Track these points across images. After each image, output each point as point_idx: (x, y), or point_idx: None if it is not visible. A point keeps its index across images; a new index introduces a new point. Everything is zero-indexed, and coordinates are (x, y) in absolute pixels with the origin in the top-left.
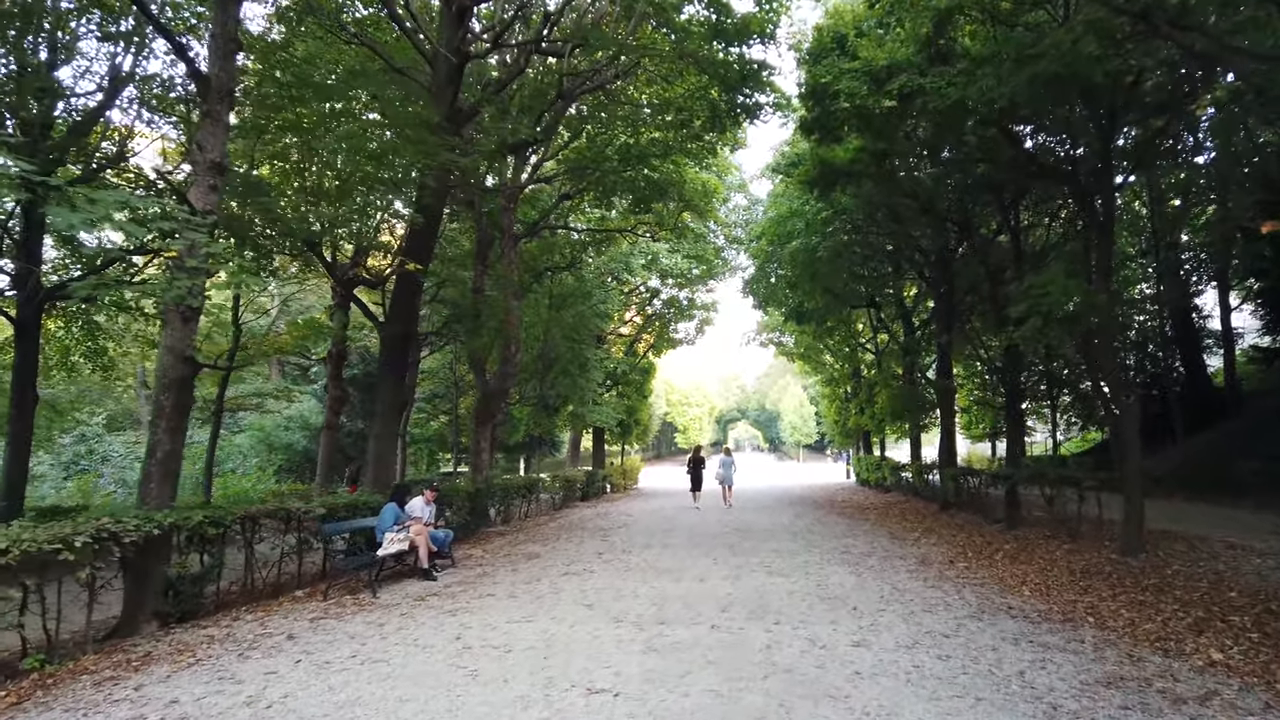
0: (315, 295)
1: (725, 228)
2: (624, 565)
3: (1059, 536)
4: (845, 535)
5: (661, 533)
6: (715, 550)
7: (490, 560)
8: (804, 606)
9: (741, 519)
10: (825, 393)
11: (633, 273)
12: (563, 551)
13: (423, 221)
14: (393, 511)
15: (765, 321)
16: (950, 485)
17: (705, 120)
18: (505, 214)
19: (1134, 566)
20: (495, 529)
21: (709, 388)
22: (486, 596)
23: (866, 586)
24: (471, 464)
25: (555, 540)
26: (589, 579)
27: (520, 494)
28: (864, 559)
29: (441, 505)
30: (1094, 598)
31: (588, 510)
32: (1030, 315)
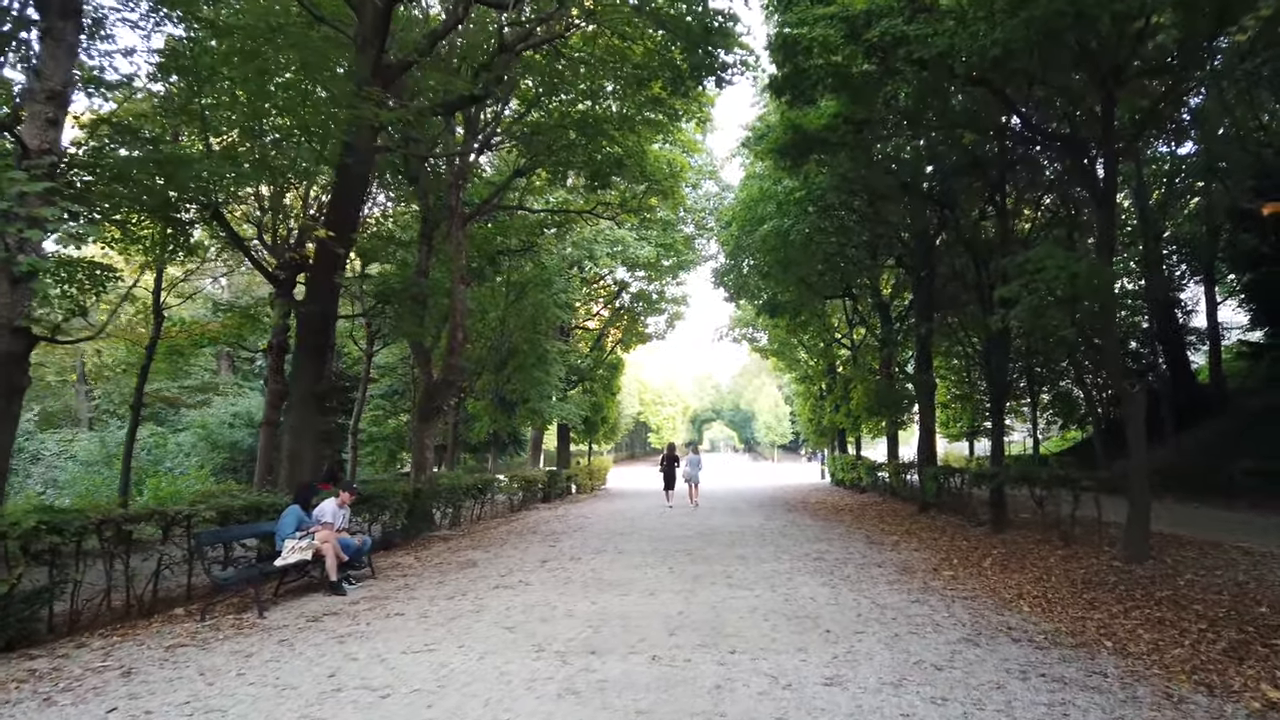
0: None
1: (695, 214)
2: (566, 576)
3: (1051, 540)
4: (818, 539)
5: (618, 537)
6: (673, 557)
7: (418, 570)
8: (767, 628)
9: (708, 522)
10: (800, 390)
11: (596, 261)
12: (504, 559)
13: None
14: (295, 515)
15: (738, 316)
16: (931, 485)
17: (666, 81)
18: (452, 191)
19: (1141, 575)
20: (439, 533)
21: (683, 387)
22: (394, 616)
23: (841, 601)
24: (413, 462)
25: (500, 546)
26: (522, 593)
27: (471, 495)
28: (838, 567)
29: (383, 507)
30: (1103, 613)
31: (547, 512)
32: (1025, 295)
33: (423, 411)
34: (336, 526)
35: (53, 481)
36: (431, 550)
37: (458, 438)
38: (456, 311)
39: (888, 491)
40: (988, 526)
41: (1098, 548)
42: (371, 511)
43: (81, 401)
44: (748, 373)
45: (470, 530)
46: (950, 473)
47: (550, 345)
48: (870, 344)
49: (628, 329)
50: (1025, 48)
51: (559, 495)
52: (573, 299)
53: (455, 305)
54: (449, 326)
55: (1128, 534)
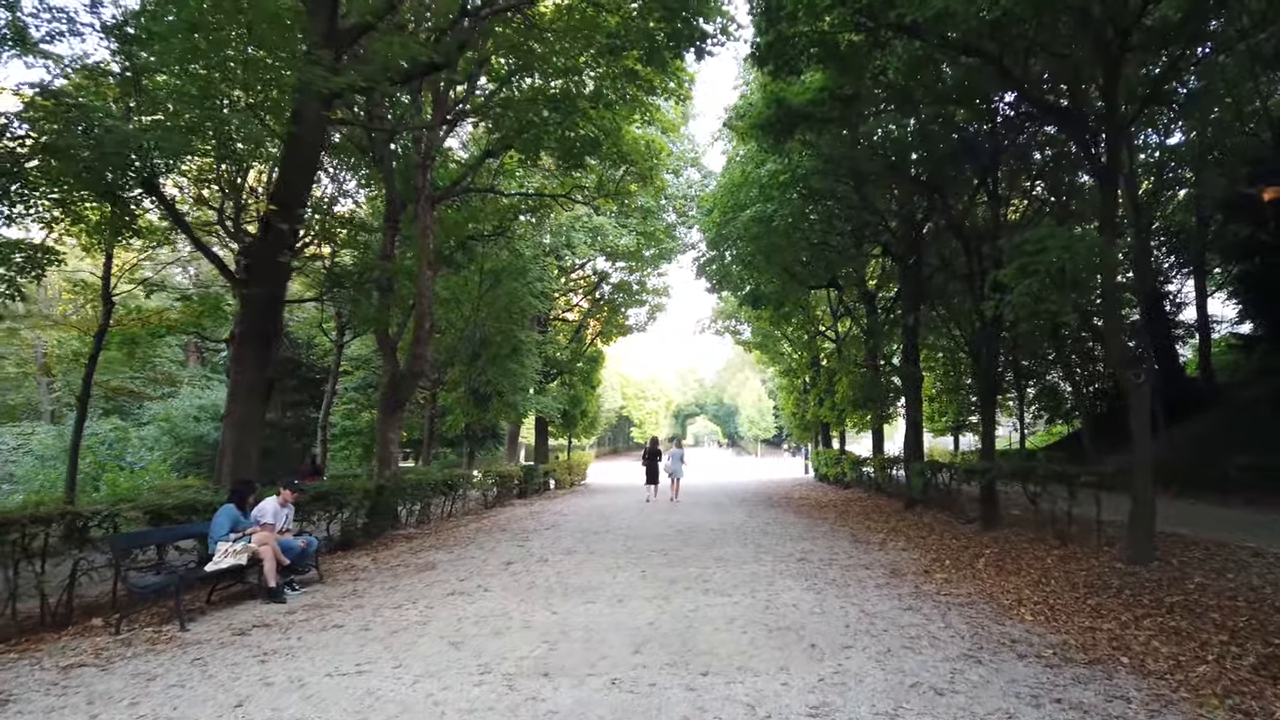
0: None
1: (675, 201)
2: (530, 580)
3: (1045, 539)
4: (802, 538)
5: (592, 536)
6: (648, 558)
7: (372, 573)
8: (745, 643)
9: (688, 518)
10: (783, 384)
11: (574, 249)
12: (466, 561)
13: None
14: (229, 516)
15: (720, 308)
16: (918, 481)
17: (642, 52)
18: (419, 172)
19: (1147, 578)
20: (403, 532)
21: (666, 381)
22: (331, 629)
23: (827, 609)
24: (377, 457)
25: (465, 546)
26: (478, 601)
27: (440, 491)
28: (823, 569)
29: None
30: (1113, 622)
31: (522, 509)
32: (1022, 279)
33: (387, 404)
34: (278, 527)
35: (9, 476)
36: (392, 550)
37: (434, 432)
38: (423, 298)
39: (873, 487)
40: (978, 524)
41: (1096, 548)
42: (329, 509)
43: (43, 393)
44: (731, 366)
45: (438, 529)
46: (938, 468)
47: (525, 336)
48: (855, 335)
49: (608, 321)
50: (1025, 10)
51: (536, 491)
52: (550, 289)
53: (422, 292)
54: (415, 314)
55: (1131, 533)
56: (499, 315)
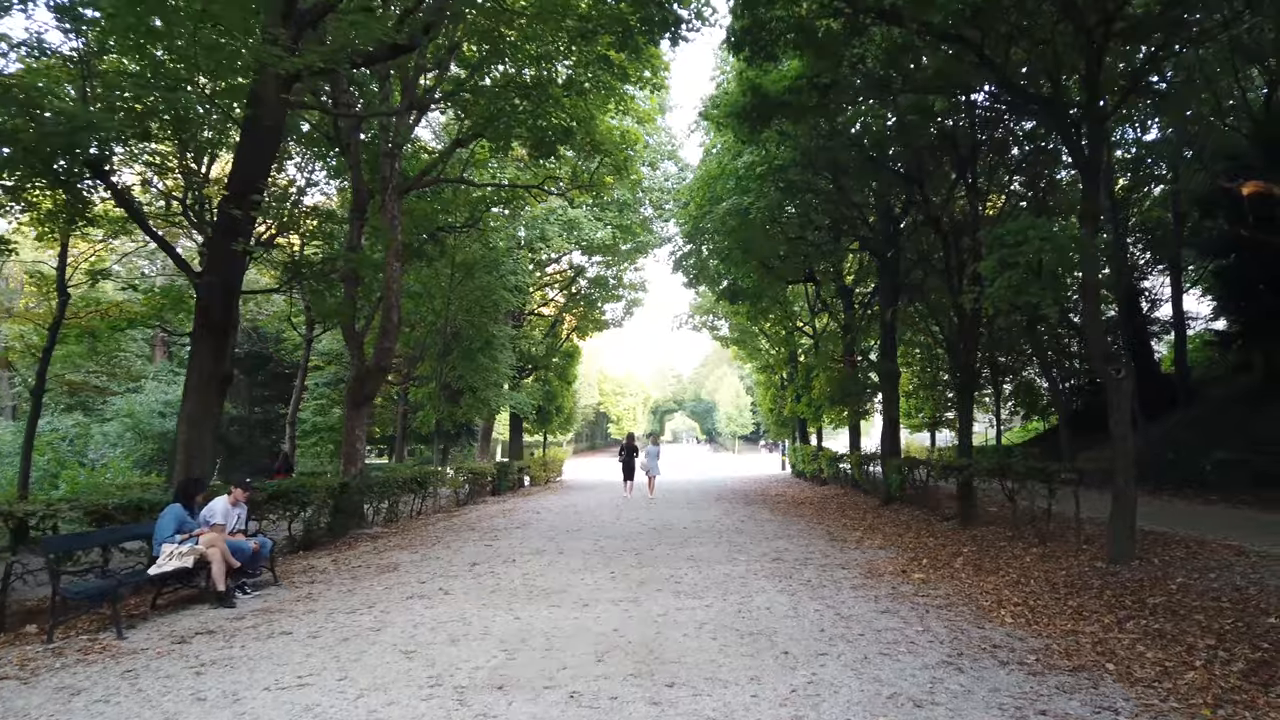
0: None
1: (651, 194)
2: (495, 583)
3: (1024, 537)
4: (777, 536)
5: (564, 534)
6: (619, 559)
7: (330, 576)
8: (715, 650)
9: (663, 516)
10: (760, 380)
11: (549, 242)
12: (431, 562)
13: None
14: (175, 516)
15: (698, 304)
16: (895, 478)
17: (615, 37)
18: (386, 160)
19: (1128, 578)
20: (369, 531)
21: (643, 377)
22: (279, 636)
23: (802, 612)
24: (343, 454)
25: (431, 546)
26: (437, 605)
27: (409, 489)
28: (798, 569)
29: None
30: (1096, 625)
31: (494, 507)
32: (1003, 270)
33: (353, 398)
34: (229, 528)
35: None
36: (355, 551)
37: (407, 429)
38: (391, 291)
39: (850, 484)
40: (955, 521)
41: (1075, 546)
42: (290, 508)
43: (4, 388)
44: (710, 363)
45: (406, 527)
46: (915, 465)
47: (498, 330)
48: (833, 331)
49: (584, 316)
50: None
51: (510, 488)
52: (524, 282)
53: (389, 284)
54: (382, 307)
55: (1112, 531)
56: (471, 309)
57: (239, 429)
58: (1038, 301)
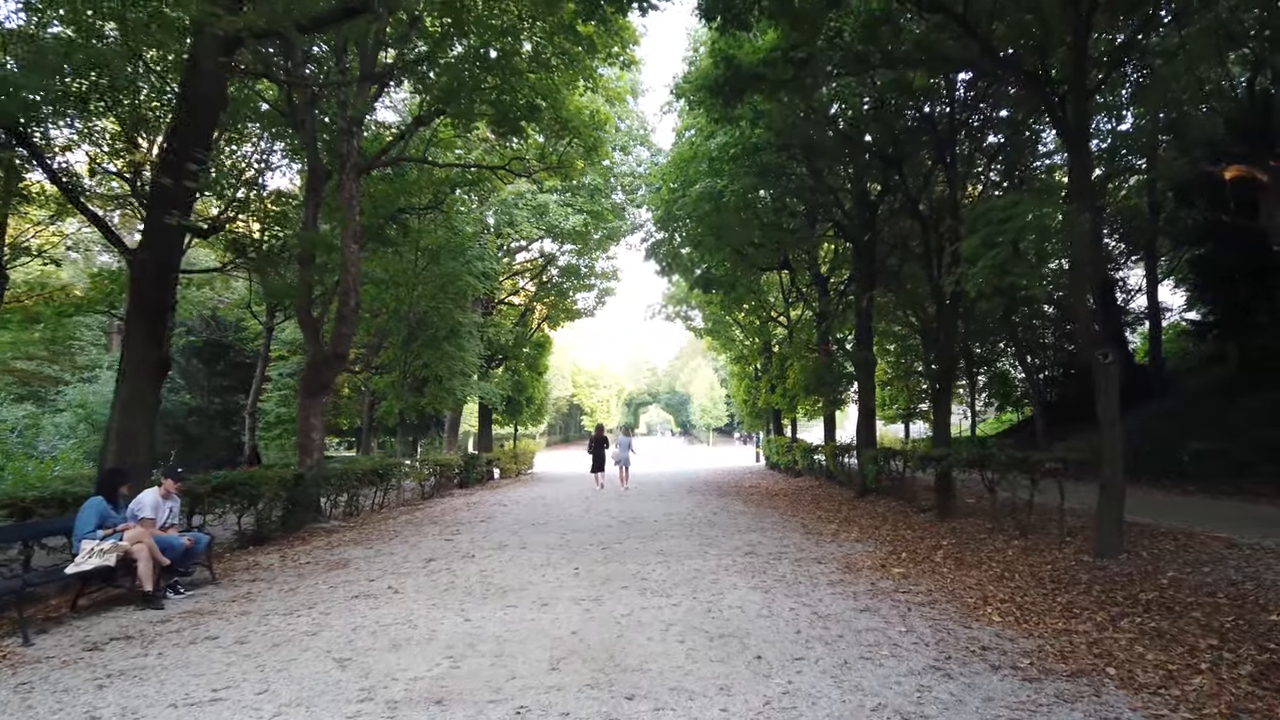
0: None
1: (622, 179)
2: (449, 580)
3: (1004, 530)
4: (751, 529)
5: (528, 528)
6: (584, 553)
7: (275, 573)
8: (682, 655)
9: (634, 508)
10: (735, 371)
11: (516, 227)
12: (385, 557)
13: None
14: (97, 510)
15: (671, 293)
16: (871, 469)
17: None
18: (344, 138)
19: (1117, 573)
20: (325, 525)
21: (617, 369)
22: (203, 642)
23: (776, 612)
24: (298, 446)
25: (389, 540)
26: (383, 605)
27: (370, 481)
28: (773, 564)
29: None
30: (1088, 624)
31: (460, 499)
32: (987, 249)
33: (308, 387)
34: (160, 523)
35: None
36: (307, 546)
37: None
38: (348, 274)
39: (824, 475)
40: (933, 513)
41: (1059, 539)
42: (238, 502)
43: None
44: (684, 355)
45: (365, 521)
46: (891, 455)
47: (464, 318)
48: (808, 320)
49: (555, 305)
50: None
51: (478, 481)
52: (492, 268)
53: (347, 267)
54: (339, 291)
55: (1099, 524)
56: (435, 295)
57: (197, 420)
58: (1023, 283)
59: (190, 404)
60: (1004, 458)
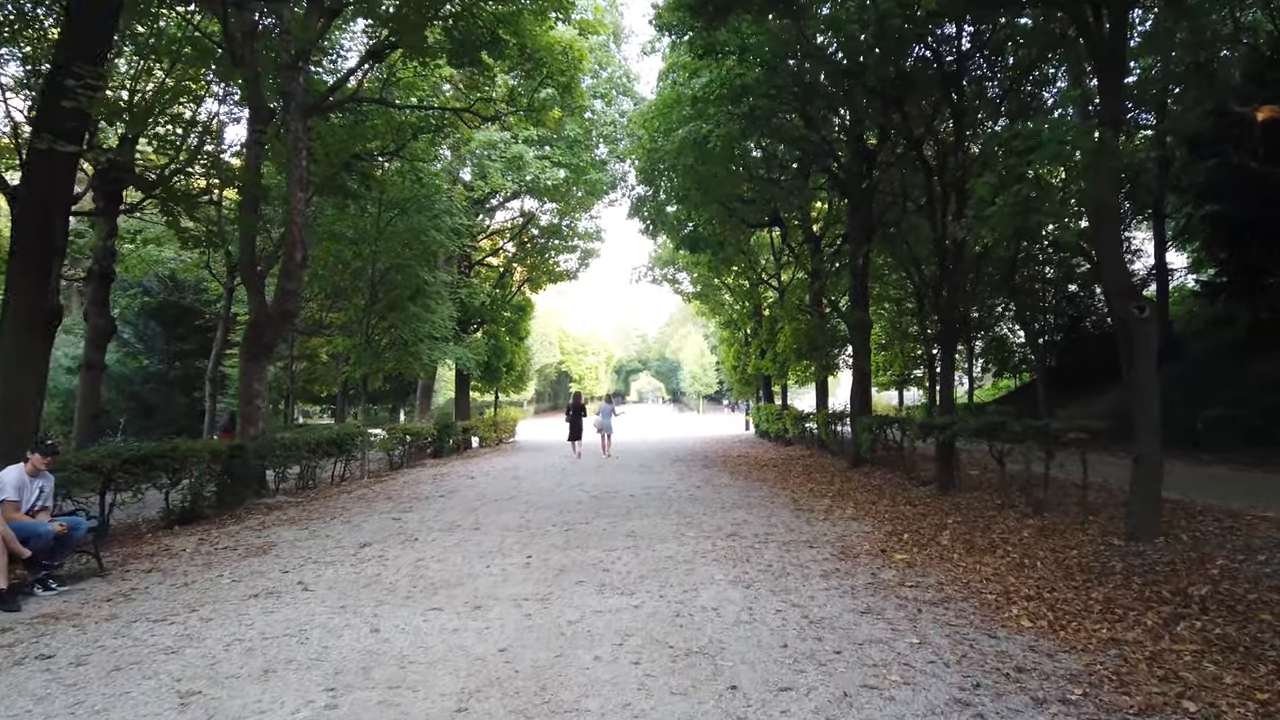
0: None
1: (604, 129)
2: (375, 572)
3: (1015, 507)
4: (736, 505)
5: (491, 504)
6: (543, 536)
7: (181, 561)
8: (634, 684)
9: (611, 481)
10: (724, 336)
11: (488, 178)
12: (316, 541)
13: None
14: None
15: (658, 255)
16: (866, 438)
17: None
18: (289, 74)
19: (1156, 560)
20: (270, 501)
21: (606, 336)
22: (32, 662)
23: (759, 615)
24: (240, 414)
25: (329, 520)
26: (279, 609)
27: (327, 452)
28: (758, 549)
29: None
30: (1138, 629)
31: (430, 471)
32: (1008, 185)
33: (250, 349)
34: (27, 505)
35: None
36: (238, 526)
37: (348, 387)
38: (294, 225)
39: (815, 444)
40: (934, 486)
41: (1079, 518)
42: (157, 476)
43: None
44: (674, 322)
45: (319, 496)
46: (888, 423)
47: (431, 277)
48: (800, 280)
49: (535, 266)
50: None
51: (455, 450)
52: (463, 224)
53: (293, 217)
54: (285, 243)
55: (1132, 502)
56: (399, 252)
57: (155, 386)
58: (1049, 225)
59: (147, 369)
60: (1018, 427)
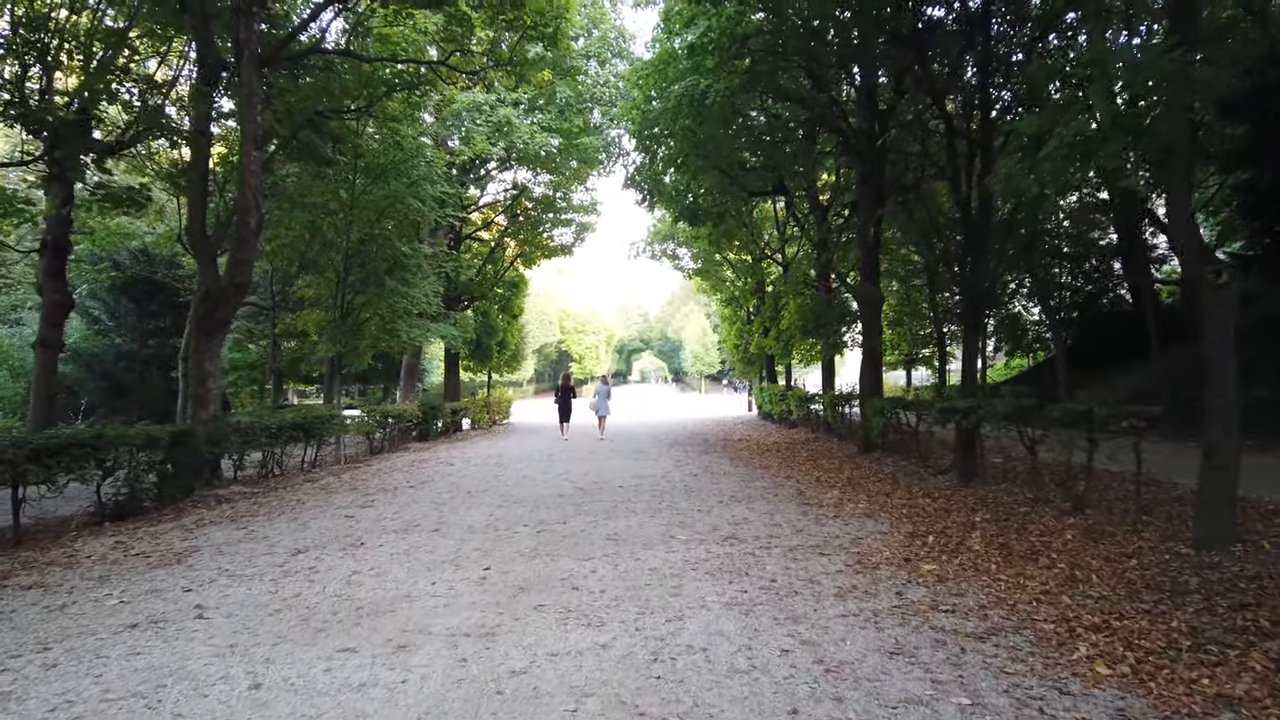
0: None
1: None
2: (293, 592)
3: (1049, 500)
4: (735, 499)
5: (462, 497)
6: (510, 540)
7: (78, 572)
8: None
9: (600, 469)
10: (725, 314)
11: (471, 141)
12: (246, 545)
13: None
14: None
15: (656, 229)
16: (877, 421)
17: None
18: (242, 21)
19: (1237, 575)
20: (222, 492)
21: (607, 315)
22: None
23: (759, 661)
24: (190, 395)
25: (276, 517)
26: (151, 648)
27: (292, 437)
28: (759, 557)
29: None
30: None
31: (410, 456)
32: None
33: (201, 324)
34: None
35: None
36: (172, 524)
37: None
38: (248, 186)
39: (821, 427)
40: (953, 475)
41: (1125, 517)
42: (81, 468)
43: None
44: (676, 300)
45: (279, 485)
46: (901, 406)
47: (410, 248)
48: (806, 253)
49: (528, 240)
50: None
51: (444, 433)
52: (446, 193)
53: (246, 179)
54: (238, 207)
55: (1202, 502)
56: (374, 221)
57: (127, 365)
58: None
59: (119, 347)
60: (1058, 412)
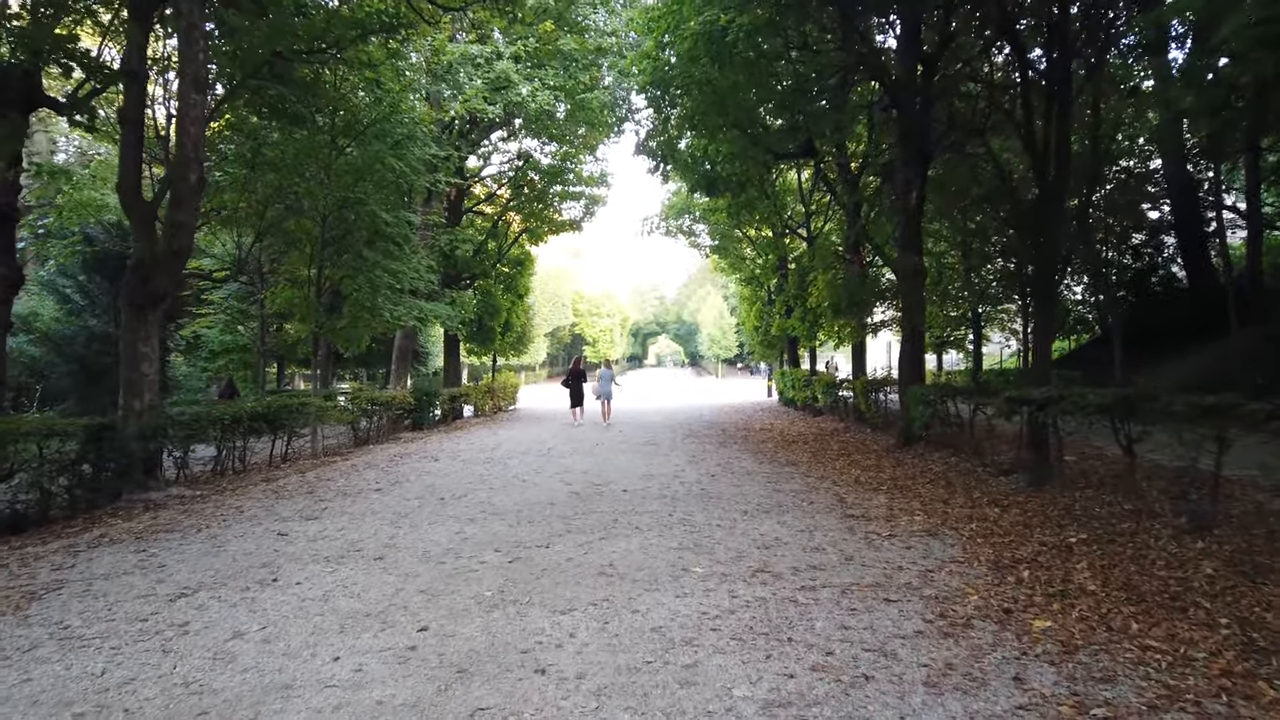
0: None
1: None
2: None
3: (1154, 513)
4: (763, 509)
5: (433, 504)
6: (466, 580)
7: None
8: None
9: (604, 466)
10: (744, 295)
11: (461, 92)
12: (123, 580)
13: None
14: None
15: (671, 202)
16: (921, 411)
17: None
18: None
19: None
20: (153, 496)
21: (622, 298)
22: None
23: None
24: (123, 381)
25: (195, 532)
26: None
27: (253, 429)
28: (803, 609)
29: None
30: None
31: (394, 449)
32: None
33: (133, 297)
34: None
35: None
36: (55, 545)
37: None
38: (187, 137)
39: (851, 415)
40: (1019, 477)
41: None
42: None
43: None
44: (693, 282)
45: (230, 486)
46: (950, 394)
47: (394, 217)
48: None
49: (534, 215)
50: None
51: (441, 420)
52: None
53: (184, 125)
54: (175, 161)
55: None
56: (351, 186)
57: (100, 347)
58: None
59: (91, 329)
60: (1180, 405)
